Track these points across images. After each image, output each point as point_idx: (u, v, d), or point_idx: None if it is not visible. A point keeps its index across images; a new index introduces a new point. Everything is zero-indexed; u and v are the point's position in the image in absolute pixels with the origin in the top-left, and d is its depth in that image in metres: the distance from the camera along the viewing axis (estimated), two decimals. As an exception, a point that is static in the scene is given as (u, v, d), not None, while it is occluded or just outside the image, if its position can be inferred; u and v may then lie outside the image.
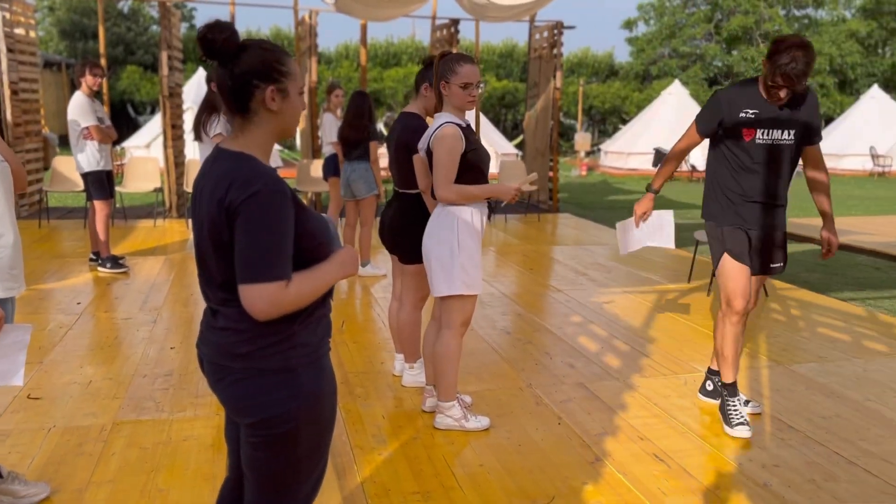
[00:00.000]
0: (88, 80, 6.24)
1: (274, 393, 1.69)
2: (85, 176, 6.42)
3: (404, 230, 3.77)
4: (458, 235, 3.24)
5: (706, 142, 3.63)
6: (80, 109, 6.22)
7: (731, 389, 3.57)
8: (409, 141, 3.68)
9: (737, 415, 3.49)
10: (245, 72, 1.68)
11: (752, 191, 3.43)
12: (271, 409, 1.68)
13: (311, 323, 1.76)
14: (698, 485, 2.99)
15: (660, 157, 19.75)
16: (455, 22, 10.95)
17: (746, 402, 3.72)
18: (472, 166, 3.22)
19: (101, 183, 6.46)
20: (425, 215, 3.70)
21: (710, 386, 3.89)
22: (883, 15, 31.82)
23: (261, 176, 1.63)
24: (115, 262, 6.61)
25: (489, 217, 3.39)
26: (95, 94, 6.39)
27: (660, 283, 6.58)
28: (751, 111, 3.36)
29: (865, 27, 31.26)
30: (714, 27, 32.93)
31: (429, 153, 3.28)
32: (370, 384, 4.05)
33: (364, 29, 11.18)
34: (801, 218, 11.40)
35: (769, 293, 6.19)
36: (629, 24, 35.72)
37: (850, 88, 31.96)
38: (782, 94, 3.25)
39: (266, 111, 1.71)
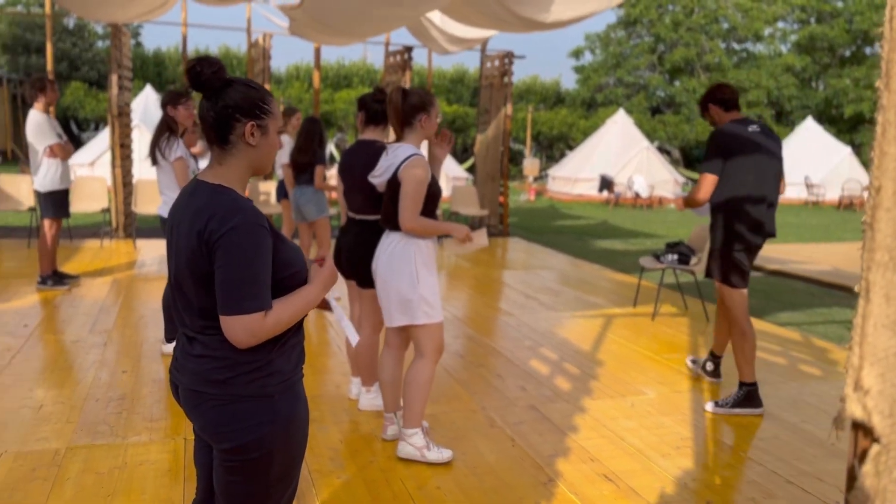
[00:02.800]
0: (49, 96, 6.18)
1: (251, 419, 1.75)
2: (43, 194, 6.31)
3: (366, 256, 3.83)
4: (416, 266, 3.30)
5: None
6: (39, 128, 6.14)
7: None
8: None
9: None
10: (228, 105, 1.76)
11: None
12: (248, 434, 1.74)
13: (287, 350, 1.83)
14: None
15: (605, 183, 20.27)
16: (408, 49, 11.13)
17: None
18: (431, 199, 3.32)
19: (58, 202, 6.37)
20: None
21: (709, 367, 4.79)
22: (816, 50, 33.47)
23: (239, 209, 1.70)
24: (59, 279, 6.54)
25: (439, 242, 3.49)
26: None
27: (606, 307, 6.79)
28: None
29: (800, 61, 32.80)
30: (657, 58, 34.10)
31: (391, 182, 3.34)
32: (326, 408, 4.09)
33: (318, 53, 11.26)
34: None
35: (710, 318, 6.45)
36: (576, 53, 36.69)
37: (785, 120, 33.42)
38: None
39: (245, 145, 1.80)
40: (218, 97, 1.76)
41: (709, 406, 4.25)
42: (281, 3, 8.66)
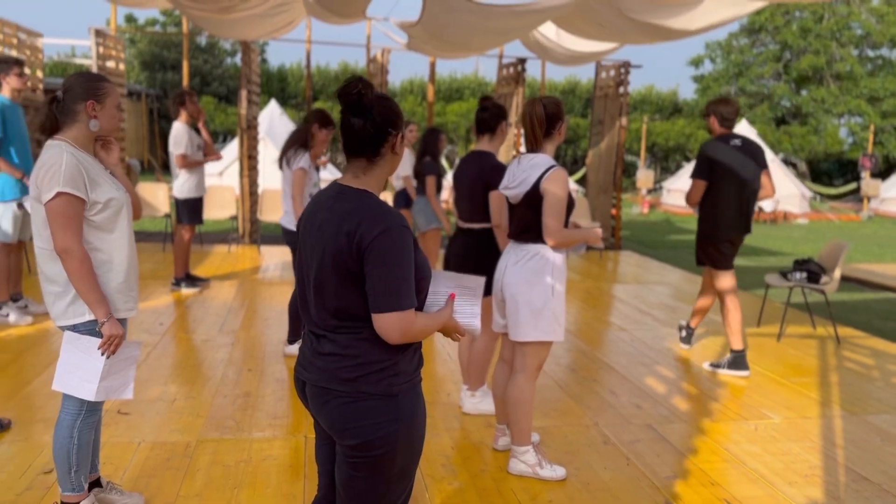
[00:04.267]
0: (190, 108, 6.64)
1: (378, 416, 1.82)
2: (180, 201, 6.77)
3: (477, 264, 3.88)
4: (553, 281, 3.25)
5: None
6: (175, 139, 6.60)
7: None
8: (490, 180, 3.80)
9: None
10: (383, 122, 1.88)
11: None
12: (374, 431, 1.81)
13: (410, 353, 1.91)
14: (771, 533, 2.97)
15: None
16: (522, 61, 11.14)
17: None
18: (568, 211, 3.29)
19: (193, 209, 6.81)
20: (492, 249, 3.82)
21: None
22: (962, 56, 30.85)
23: (389, 214, 1.80)
24: (191, 281, 7.00)
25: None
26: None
27: (727, 325, 6.49)
28: None
29: (944, 68, 30.32)
30: (783, 66, 32.45)
31: (530, 194, 3.27)
32: (438, 415, 4.13)
33: (433, 67, 11.48)
34: (873, 264, 11.09)
35: (840, 341, 6.05)
36: (696, 62, 35.47)
37: (926, 132, 30.93)
38: None
39: (391, 154, 1.92)
40: (372, 114, 1.87)
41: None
42: (400, 20, 8.91)
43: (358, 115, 1.86)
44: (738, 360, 5.03)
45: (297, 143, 4.83)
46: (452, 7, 6.75)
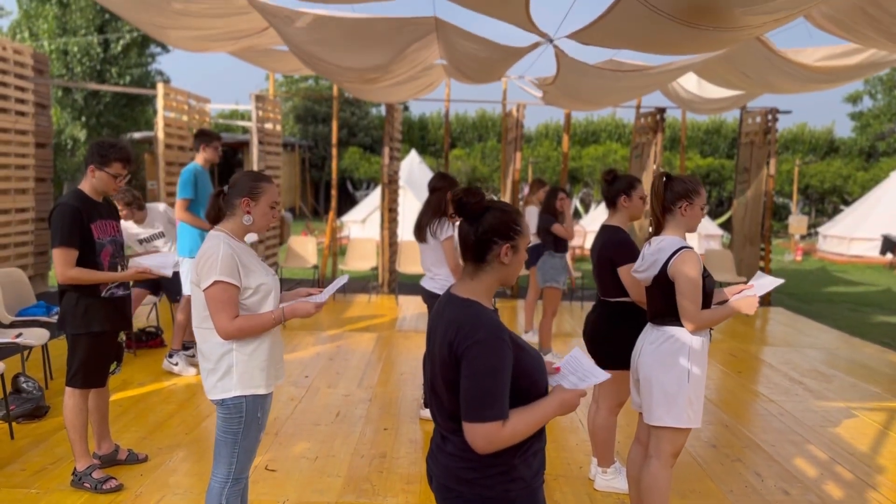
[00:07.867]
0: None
1: None
2: None
3: (605, 336, 3.84)
4: (690, 366, 3.14)
5: None
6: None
7: None
8: (612, 256, 3.78)
9: None
10: (487, 230, 1.96)
11: None
12: None
13: (528, 457, 1.94)
14: None
15: (889, 244, 17.92)
16: (661, 111, 10.96)
17: None
18: (707, 293, 3.15)
19: None
20: (626, 322, 3.75)
21: None
22: None
23: (483, 324, 1.86)
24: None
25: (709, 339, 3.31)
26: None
27: (891, 399, 5.97)
28: None
29: None
30: (957, 100, 29.70)
31: (659, 278, 3.19)
32: (569, 489, 4.08)
33: (568, 117, 11.52)
34: None
35: None
36: (853, 98, 33.25)
37: None
38: None
39: (498, 263, 1.98)
40: (478, 222, 1.96)
41: None
42: (535, 77, 9.07)
43: (466, 221, 1.97)
44: None
45: (437, 213, 4.93)
46: (585, 71, 6.80)
